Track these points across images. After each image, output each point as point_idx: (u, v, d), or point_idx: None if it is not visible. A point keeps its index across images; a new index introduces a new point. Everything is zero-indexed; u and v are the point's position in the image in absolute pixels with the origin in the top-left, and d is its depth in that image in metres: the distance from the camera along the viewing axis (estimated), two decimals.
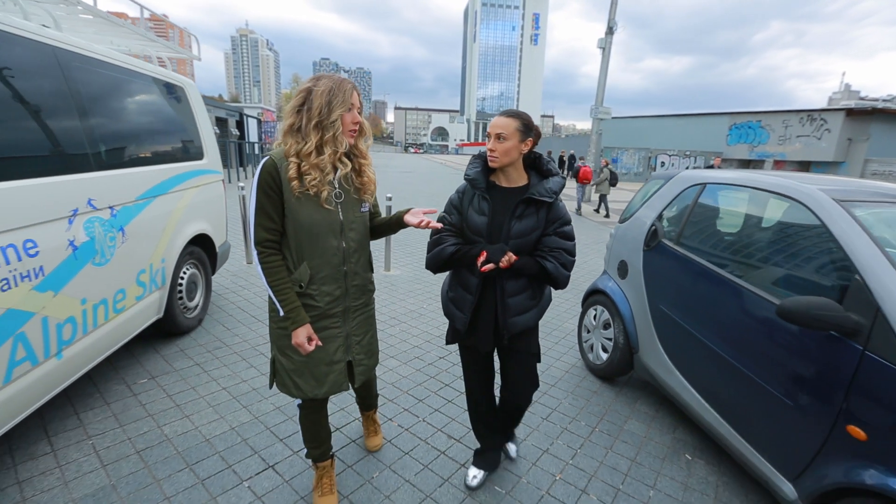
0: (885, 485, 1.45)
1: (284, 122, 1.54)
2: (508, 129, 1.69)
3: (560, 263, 1.75)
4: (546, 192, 1.73)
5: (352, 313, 1.72)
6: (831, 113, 20.61)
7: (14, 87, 1.88)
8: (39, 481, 1.95)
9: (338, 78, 1.54)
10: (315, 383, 1.66)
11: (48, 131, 2.02)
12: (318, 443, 1.88)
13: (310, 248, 1.56)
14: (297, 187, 1.48)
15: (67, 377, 2.15)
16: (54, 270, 1.95)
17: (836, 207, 1.86)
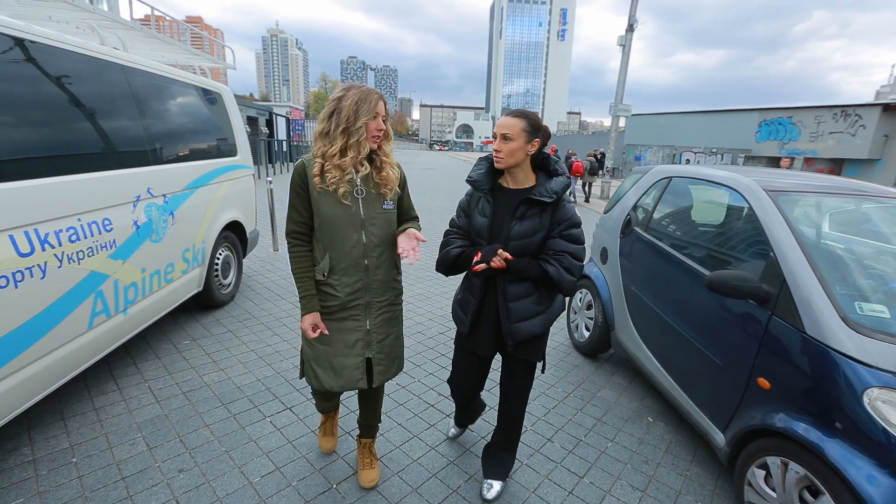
0: (790, 427, 1.76)
1: (317, 127, 1.67)
2: (514, 129, 1.67)
3: (564, 267, 1.67)
4: (547, 192, 1.68)
5: (375, 309, 1.76)
6: (867, 108, 19.85)
7: (95, 98, 2.39)
8: (110, 409, 2.47)
9: (366, 89, 1.64)
10: (333, 374, 1.74)
11: (120, 133, 2.54)
12: (325, 407, 2.13)
13: (331, 240, 1.67)
14: (318, 183, 1.61)
15: (130, 331, 2.68)
16: (123, 243, 2.46)
17: (764, 196, 2.16)
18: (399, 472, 2.17)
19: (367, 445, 2.11)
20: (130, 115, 2.64)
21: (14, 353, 1.84)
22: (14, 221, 1.82)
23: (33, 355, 1.95)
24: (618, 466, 2.32)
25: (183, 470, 2.07)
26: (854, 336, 1.64)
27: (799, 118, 23.00)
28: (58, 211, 2.04)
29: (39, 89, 2.07)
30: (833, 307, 1.72)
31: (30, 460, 2.07)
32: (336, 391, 1.77)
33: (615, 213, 3.46)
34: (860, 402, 1.55)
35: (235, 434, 2.34)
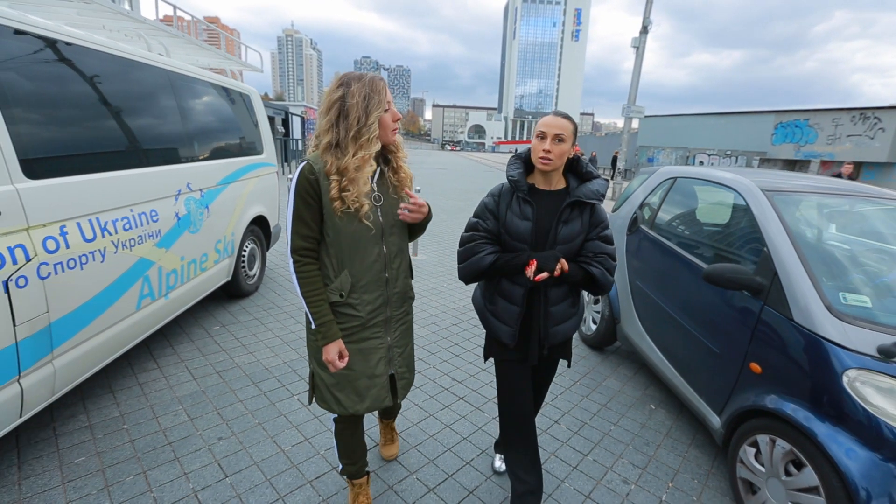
0: (780, 408, 1.91)
1: (322, 139, 1.44)
2: (567, 130, 1.61)
3: (606, 269, 1.68)
4: (593, 194, 1.66)
5: (394, 323, 1.63)
6: (887, 111, 19.58)
7: (147, 101, 2.63)
8: (153, 384, 2.71)
9: (368, 77, 1.43)
10: (357, 398, 1.57)
11: (165, 132, 2.78)
12: (354, 458, 1.80)
13: (350, 255, 1.48)
14: (339, 207, 1.40)
15: (170, 314, 2.91)
16: (167, 233, 2.70)
17: (760, 194, 2.31)
18: (417, 445, 2.36)
19: (388, 424, 2.24)
20: (174, 116, 2.88)
21: (80, 327, 2.08)
22: (82, 210, 2.06)
23: (94, 330, 2.18)
24: (620, 447, 2.49)
25: (222, 438, 2.29)
26: (837, 323, 1.79)
27: (816, 120, 22.72)
28: (115, 202, 2.28)
29: (103, 94, 2.31)
30: (819, 297, 1.87)
31: (87, 426, 2.31)
32: (361, 413, 1.61)
33: (623, 211, 3.61)
34: (840, 383, 1.70)
35: (267, 409, 2.55)
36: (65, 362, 2.03)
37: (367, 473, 1.89)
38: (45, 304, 1.87)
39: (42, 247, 1.84)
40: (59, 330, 1.96)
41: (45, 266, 1.86)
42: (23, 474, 1.97)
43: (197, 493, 1.93)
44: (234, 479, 2.02)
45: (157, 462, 2.09)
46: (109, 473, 2.00)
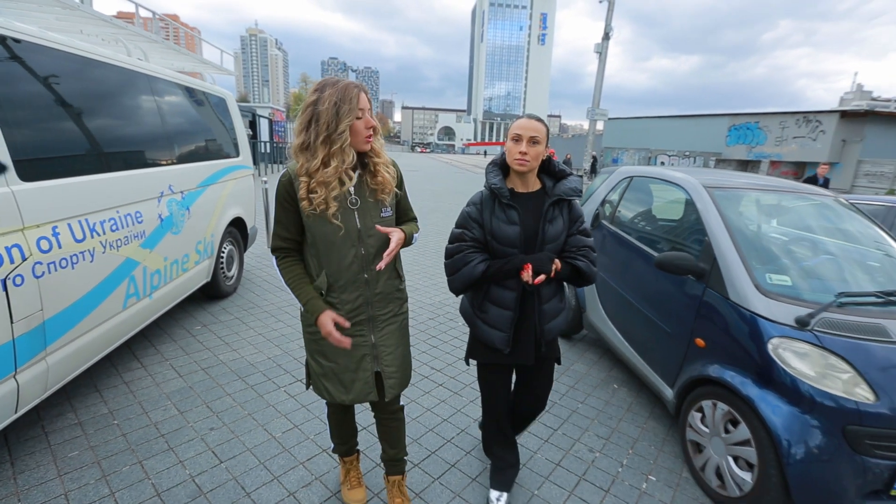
0: (721, 375, 2.18)
1: (295, 140, 1.49)
2: (542, 133, 1.67)
3: (590, 261, 1.76)
4: (572, 191, 1.73)
5: (379, 323, 1.64)
6: (826, 115, 21.09)
7: (125, 104, 2.69)
8: (139, 382, 2.77)
9: (342, 84, 1.43)
10: (343, 388, 1.64)
11: (148, 135, 2.84)
12: (344, 439, 1.91)
13: (327, 257, 1.53)
14: (306, 207, 1.45)
15: (154, 314, 2.97)
16: (150, 234, 2.76)
17: (703, 191, 2.61)
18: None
19: (396, 483, 1.92)
20: (155, 120, 2.94)
21: (71, 325, 2.14)
22: (72, 211, 2.13)
23: (83, 329, 2.24)
24: (586, 422, 2.73)
25: (213, 428, 2.39)
26: (763, 299, 2.08)
27: (765, 123, 24.19)
28: (103, 203, 2.34)
29: (89, 98, 2.37)
30: (749, 278, 2.16)
31: (76, 423, 2.36)
32: (348, 404, 1.69)
33: (587, 208, 3.89)
34: (766, 350, 1.99)
35: (255, 400, 2.66)
36: (57, 359, 2.09)
37: (357, 452, 2.01)
38: (40, 302, 1.93)
39: (36, 247, 1.91)
40: (53, 327, 2.02)
41: (40, 265, 1.92)
42: (17, 469, 2.02)
43: (194, 477, 2.04)
44: (228, 464, 2.14)
45: (152, 452, 2.18)
46: (105, 465, 2.08)
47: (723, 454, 2.12)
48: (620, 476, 2.29)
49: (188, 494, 1.94)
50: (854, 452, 1.80)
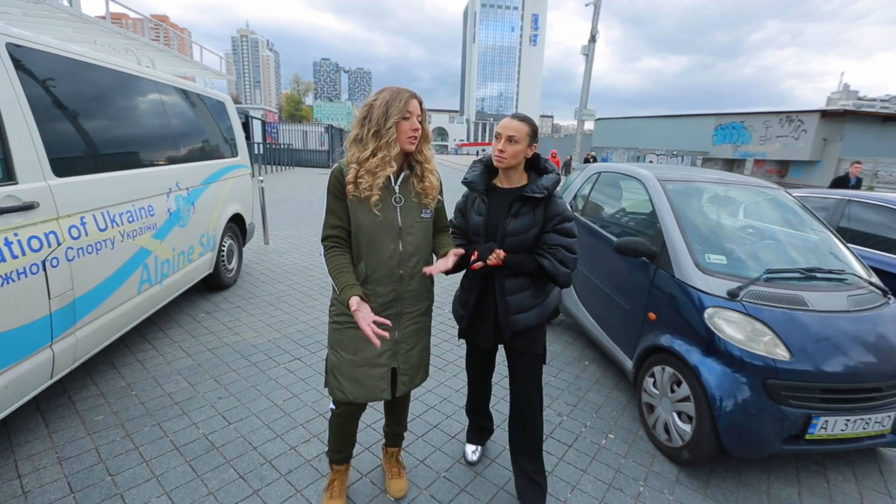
0: (669, 344, 2.50)
1: (351, 133, 1.64)
2: (521, 132, 1.74)
3: (558, 260, 1.76)
4: (538, 188, 1.75)
5: (405, 319, 1.71)
6: (808, 114, 21.65)
7: (139, 108, 2.97)
8: (151, 361, 3.04)
9: (396, 88, 1.59)
10: (357, 385, 1.66)
11: (159, 136, 3.12)
12: (339, 448, 1.89)
13: (367, 248, 1.61)
14: (351, 191, 1.57)
15: (163, 300, 3.24)
16: (161, 226, 3.03)
17: (657, 183, 2.94)
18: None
19: (394, 454, 2.10)
20: (165, 122, 3.21)
21: (95, 305, 2.42)
22: (96, 204, 2.40)
23: (105, 309, 2.52)
24: (557, 392, 3.04)
25: (221, 398, 2.67)
26: (702, 276, 2.41)
27: (750, 123, 24.73)
28: (121, 197, 2.62)
29: (110, 104, 2.65)
30: (692, 258, 2.49)
31: (98, 394, 2.63)
32: (360, 402, 1.70)
33: None
34: (703, 319, 2.32)
35: (258, 375, 2.95)
36: (84, 334, 2.36)
37: (348, 464, 1.98)
38: (71, 282, 2.21)
39: (68, 234, 2.19)
40: (81, 305, 2.30)
41: (71, 250, 2.20)
42: (51, 429, 2.30)
43: (206, 435, 2.33)
44: (236, 425, 2.42)
45: (168, 416, 2.46)
46: (128, 426, 2.36)
47: (669, 411, 2.44)
48: (583, 434, 2.60)
49: (202, 448, 2.23)
50: (773, 403, 2.12)
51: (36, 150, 2.04)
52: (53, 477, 1.99)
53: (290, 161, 23.40)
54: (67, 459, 2.10)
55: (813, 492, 2.27)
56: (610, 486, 2.21)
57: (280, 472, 2.12)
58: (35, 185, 2.02)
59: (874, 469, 2.48)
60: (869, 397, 2.18)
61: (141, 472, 2.05)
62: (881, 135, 21.44)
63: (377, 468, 2.20)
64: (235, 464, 2.14)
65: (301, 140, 25.49)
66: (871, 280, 2.60)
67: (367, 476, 2.15)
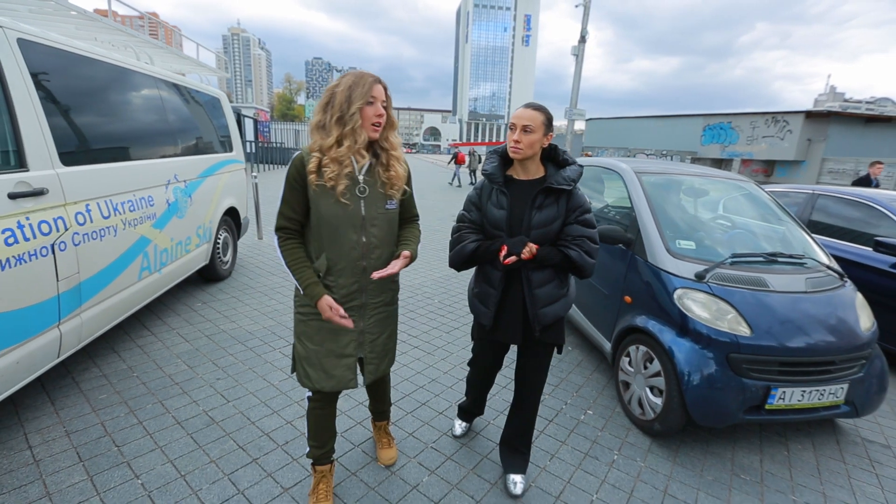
0: (643, 324, 2.67)
1: (312, 119, 1.58)
2: (535, 121, 1.70)
3: (584, 251, 1.74)
4: (564, 180, 1.73)
5: (370, 310, 1.69)
6: (792, 115, 22.09)
7: (140, 102, 3.08)
8: (151, 346, 3.16)
9: (360, 73, 1.53)
10: (324, 374, 1.65)
11: (158, 130, 3.24)
12: (321, 442, 1.84)
13: (329, 239, 1.57)
14: (314, 180, 1.50)
15: (161, 288, 3.36)
16: (160, 216, 3.15)
17: (633, 175, 3.11)
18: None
19: (383, 427, 2.19)
20: (164, 116, 3.33)
21: (99, 289, 2.53)
22: (100, 192, 2.52)
23: (108, 294, 2.63)
24: None
25: (220, 378, 2.80)
26: (672, 260, 2.59)
27: (737, 123, 25.15)
28: (123, 187, 2.74)
29: (114, 98, 2.77)
30: (663, 244, 2.67)
31: (101, 375, 2.75)
32: (327, 391, 1.68)
33: None
34: (673, 299, 2.49)
35: (254, 359, 3.07)
36: (89, 316, 2.48)
37: (332, 462, 1.93)
38: (77, 266, 2.33)
39: (74, 220, 2.30)
40: (86, 288, 2.42)
41: (77, 235, 2.32)
42: (57, 406, 2.41)
43: (206, 412, 2.46)
44: (235, 403, 2.56)
45: (170, 395, 2.58)
46: (131, 403, 2.48)
47: (642, 386, 2.61)
48: (563, 411, 2.76)
49: (203, 423, 2.36)
50: (735, 376, 2.30)
51: (45, 140, 2.15)
52: (62, 448, 2.11)
53: (283, 160, 23.38)
54: (75, 432, 2.22)
55: (774, 459, 2.45)
56: (587, 454, 2.38)
57: (277, 443, 2.25)
58: (44, 173, 2.14)
59: (832, 440, 2.67)
60: (823, 370, 2.37)
61: (145, 444, 2.17)
62: (864, 136, 21.93)
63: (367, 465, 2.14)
64: (235, 436, 2.28)
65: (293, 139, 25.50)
66: (829, 264, 2.79)
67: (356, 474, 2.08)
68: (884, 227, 3.78)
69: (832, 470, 2.40)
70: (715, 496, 2.14)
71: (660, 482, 2.21)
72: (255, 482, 1.99)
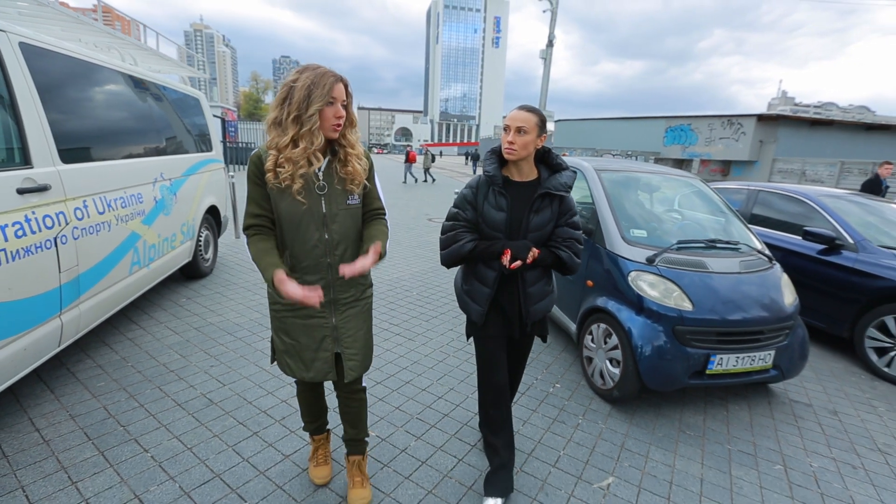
0: (603, 305, 2.99)
1: (269, 114, 1.52)
2: (529, 122, 1.73)
3: (573, 252, 1.85)
4: (561, 186, 1.79)
5: (341, 306, 1.67)
6: (746, 118, 23.45)
7: (128, 103, 3.19)
8: (141, 338, 3.27)
9: (321, 70, 1.47)
10: (303, 366, 1.68)
11: (146, 130, 3.34)
12: (313, 417, 1.95)
13: (291, 237, 1.57)
14: (271, 179, 1.48)
15: (150, 282, 3.46)
16: (148, 213, 3.26)
17: (594, 172, 3.45)
18: None
19: (356, 463, 1.96)
20: (150, 116, 3.43)
21: (95, 281, 2.65)
22: (95, 189, 2.64)
23: (102, 286, 2.75)
24: None
25: (213, 366, 2.95)
26: (627, 246, 2.92)
27: (696, 125, 26.44)
28: (115, 184, 2.85)
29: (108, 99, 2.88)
30: (619, 233, 3.00)
31: (96, 366, 2.85)
32: (308, 381, 1.72)
33: None
34: (627, 281, 2.82)
35: (244, 347, 3.23)
36: (86, 307, 2.59)
37: (328, 431, 2.08)
38: (76, 258, 2.45)
39: (73, 215, 2.42)
40: (84, 280, 2.53)
41: (76, 230, 2.44)
42: (57, 394, 2.52)
43: (205, 394, 2.62)
44: (230, 386, 2.73)
45: (166, 381, 2.72)
46: (130, 389, 2.61)
47: (603, 359, 2.93)
48: (534, 385, 3.06)
49: (202, 404, 2.53)
50: (680, 345, 2.65)
51: (46, 138, 2.27)
52: (69, 429, 2.24)
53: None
54: (79, 416, 2.35)
55: (715, 418, 2.82)
56: (555, 420, 2.67)
57: (275, 418, 2.45)
58: (47, 170, 2.26)
59: (764, 401, 3.08)
60: (753, 339, 2.75)
61: (149, 423, 2.33)
62: (809, 137, 23.52)
63: None
64: (234, 414, 2.46)
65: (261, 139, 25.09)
66: (761, 249, 3.20)
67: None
68: (815, 219, 4.27)
69: (763, 425, 2.78)
70: (664, 448, 2.48)
71: (617, 439, 2.53)
72: (258, 451, 2.18)
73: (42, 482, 1.89)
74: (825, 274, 3.94)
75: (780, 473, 2.35)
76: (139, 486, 1.90)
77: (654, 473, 2.27)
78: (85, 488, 1.87)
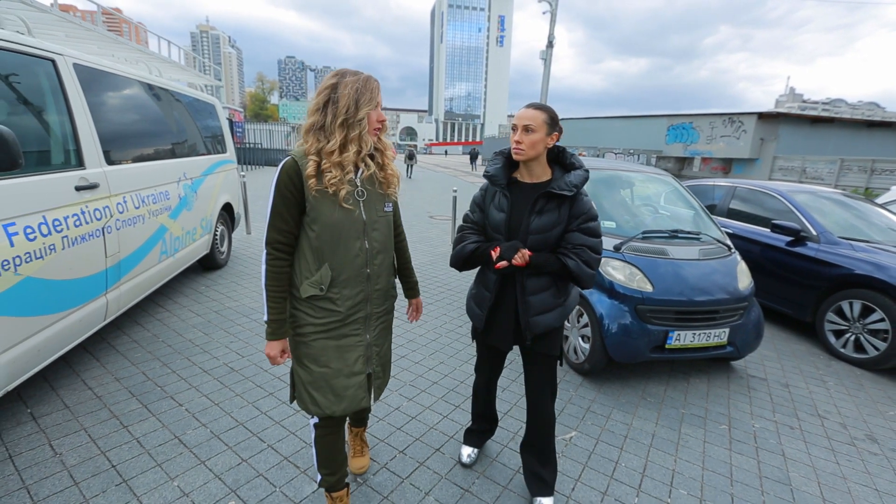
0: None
1: (307, 120, 1.48)
2: (536, 120, 1.65)
3: (583, 261, 1.68)
4: (566, 185, 1.67)
5: (374, 321, 1.61)
6: (747, 116, 23.62)
7: (158, 111, 3.60)
8: (168, 319, 3.69)
9: (364, 76, 1.47)
10: (333, 398, 1.54)
11: (172, 134, 3.76)
12: (334, 468, 1.72)
13: (331, 248, 1.48)
14: (314, 185, 1.42)
15: (176, 269, 3.88)
16: (174, 209, 3.68)
17: None
18: None
19: (359, 433, 2.08)
20: (175, 121, 3.86)
21: (132, 267, 3.06)
22: (132, 187, 3.05)
23: (138, 272, 3.16)
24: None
25: (233, 341, 3.36)
26: None
27: (698, 124, 26.61)
28: (148, 183, 3.27)
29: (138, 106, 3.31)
30: None
31: (132, 341, 3.27)
32: (339, 415, 1.57)
33: None
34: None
35: (259, 327, 3.64)
36: (125, 289, 3.01)
37: (347, 486, 1.80)
38: (118, 246, 2.86)
39: (116, 209, 2.84)
40: (125, 265, 2.95)
41: (118, 221, 2.85)
42: (102, 361, 2.94)
43: (226, 364, 3.03)
44: (249, 358, 3.13)
45: (193, 353, 3.14)
46: (163, 359, 3.03)
47: (576, 336, 3.31)
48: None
49: (225, 371, 2.93)
50: (642, 323, 3.02)
51: (95, 143, 2.69)
52: (116, 389, 2.66)
53: (257, 161, 23.37)
54: (123, 378, 2.77)
55: (675, 388, 3.18)
56: None
57: (287, 383, 2.84)
58: (96, 171, 2.67)
59: (724, 375, 3.43)
60: (708, 317, 3.11)
61: (182, 385, 2.74)
62: (809, 135, 23.65)
63: None
64: (253, 379, 2.86)
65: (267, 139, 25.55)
66: (721, 239, 3.56)
67: None
68: (785, 213, 4.61)
69: (717, 394, 3.14)
70: (625, 411, 2.85)
71: (584, 404, 2.90)
72: (274, 406, 2.59)
73: (100, 426, 2.31)
74: (792, 264, 4.28)
75: (724, 432, 2.71)
76: (178, 430, 2.32)
77: (613, 430, 2.64)
78: (134, 431, 2.29)
